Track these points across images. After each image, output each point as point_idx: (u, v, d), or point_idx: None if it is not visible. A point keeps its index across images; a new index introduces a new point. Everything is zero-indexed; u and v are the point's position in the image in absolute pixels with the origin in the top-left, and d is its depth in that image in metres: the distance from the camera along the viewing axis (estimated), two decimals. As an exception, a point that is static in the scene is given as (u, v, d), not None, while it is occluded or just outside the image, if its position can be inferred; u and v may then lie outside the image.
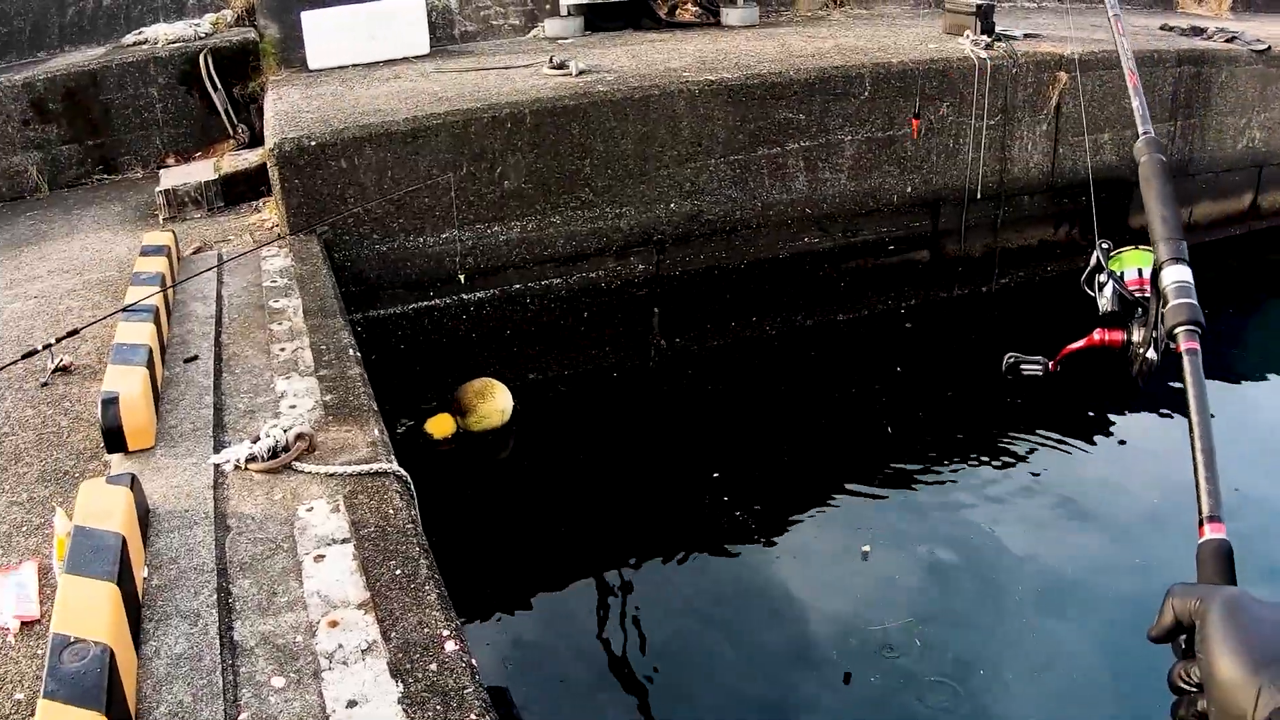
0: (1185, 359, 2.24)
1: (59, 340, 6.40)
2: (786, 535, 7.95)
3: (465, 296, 9.56)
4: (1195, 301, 2.35)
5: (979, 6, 11.21)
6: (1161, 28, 13.14)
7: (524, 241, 9.56)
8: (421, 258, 9.29)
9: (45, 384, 6.43)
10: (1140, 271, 2.82)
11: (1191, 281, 2.37)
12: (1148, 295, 2.75)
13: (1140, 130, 2.74)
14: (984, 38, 10.92)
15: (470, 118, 9.10)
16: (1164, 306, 2.38)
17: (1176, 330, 2.31)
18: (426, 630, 3.93)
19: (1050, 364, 3.12)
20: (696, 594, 7.42)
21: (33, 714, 3.30)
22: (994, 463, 8.82)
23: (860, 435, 9.39)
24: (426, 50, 11.93)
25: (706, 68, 10.19)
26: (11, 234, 9.87)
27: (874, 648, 6.72)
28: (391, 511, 4.75)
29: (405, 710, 3.54)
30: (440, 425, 9.15)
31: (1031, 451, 8.92)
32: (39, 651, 3.98)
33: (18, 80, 11.05)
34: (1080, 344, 2.96)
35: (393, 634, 3.92)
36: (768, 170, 10.14)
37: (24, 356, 6.26)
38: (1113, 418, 9.50)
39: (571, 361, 10.22)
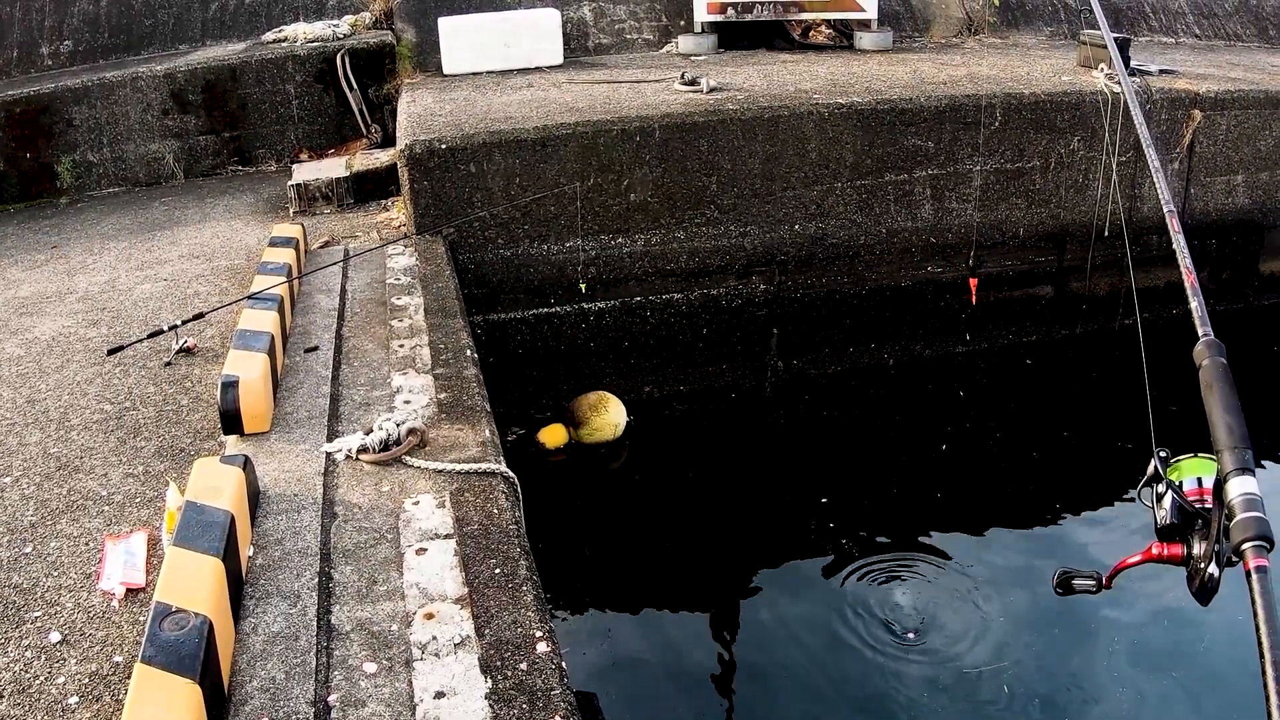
0: (1254, 577, 2.15)
1: (185, 322, 6.58)
2: (890, 567, 7.82)
3: (585, 306, 9.61)
4: (1264, 515, 2.24)
5: (1115, 40, 10.98)
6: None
7: (647, 255, 9.58)
8: (544, 265, 9.36)
9: (169, 364, 6.59)
10: (1200, 481, 2.69)
11: (1259, 494, 2.28)
12: (1208, 506, 2.61)
13: (1200, 332, 2.70)
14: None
15: (600, 129, 9.16)
16: (1229, 520, 2.29)
17: (1244, 546, 2.21)
18: (520, 630, 3.94)
19: (1104, 579, 2.99)
20: (794, 618, 7.34)
21: (129, 677, 3.37)
22: (1107, 510, 8.59)
23: (972, 471, 9.21)
24: (560, 61, 12.03)
25: (837, 91, 10.13)
26: (147, 218, 10.15)
27: (963, 691, 6.57)
28: (496, 511, 4.77)
29: (492, 705, 3.55)
30: (552, 435, 9.19)
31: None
32: (141, 618, 4.07)
33: (159, 71, 11.38)
34: (1137, 558, 2.84)
35: (486, 631, 3.93)
36: (894, 196, 10.04)
37: (150, 336, 6.44)
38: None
39: (688, 377, 10.20)
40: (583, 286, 9.46)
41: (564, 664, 3.84)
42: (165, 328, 6.51)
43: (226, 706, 3.53)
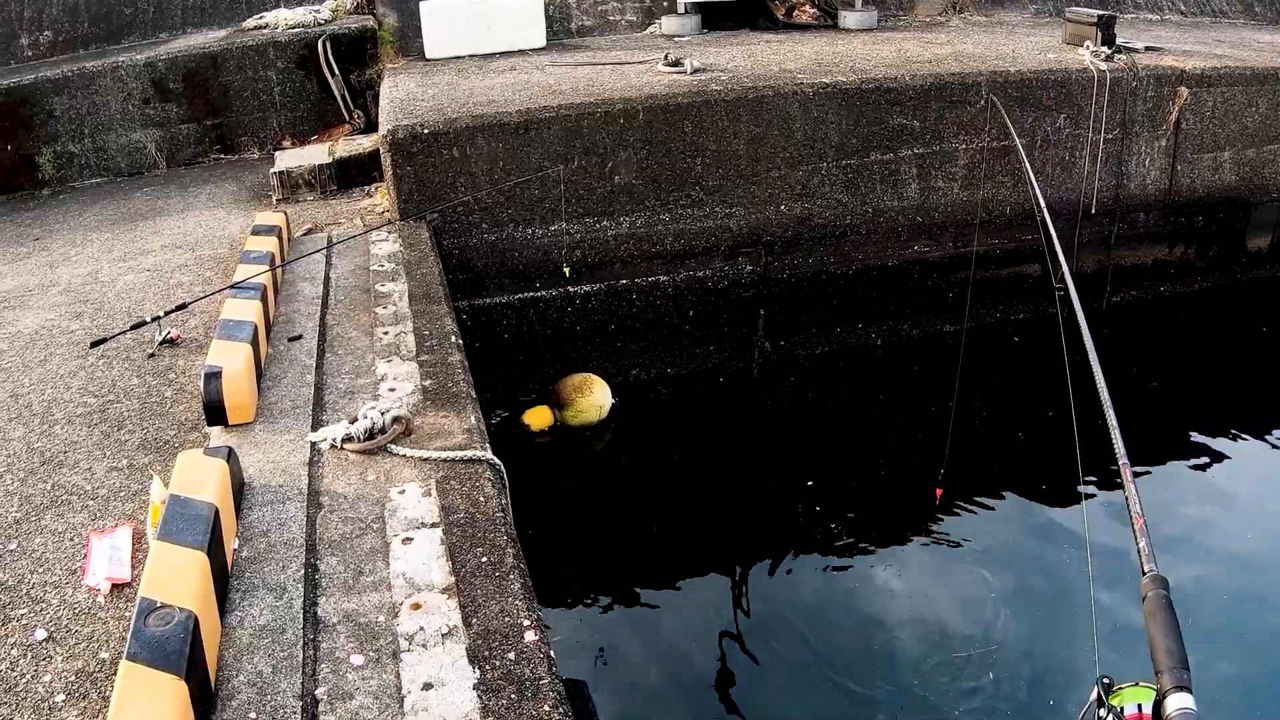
0: None
1: (168, 313, 6.52)
2: (875, 549, 7.82)
3: (571, 289, 9.57)
4: None
5: (1100, 17, 10.97)
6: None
7: (632, 237, 9.55)
8: (529, 249, 9.32)
9: (152, 355, 6.55)
10: (1140, 707, 2.93)
11: (1195, 709, 2.58)
12: None
13: (1145, 568, 2.99)
14: (1104, 49, 10.68)
15: (583, 112, 9.11)
16: None
17: None
18: (508, 619, 3.92)
19: None
20: (781, 601, 7.33)
21: (115, 674, 3.34)
22: (1095, 490, 8.57)
23: (960, 451, 9.18)
24: (543, 43, 11.99)
25: (822, 70, 10.10)
26: (129, 208, 10.09)
27: (949, 674, 6.57)
28: (482, 499, 4.75)
29: (480, 696, 3.53)
30: (538, 417, 9.17)
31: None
32: (127, 614, 4.04)
33: (140, 60, 11.30)
34: None
35: (474, 620, 3.91)
36: (880, 176, 10.02)
37: (133, 327, 6.38)
38: (1232, 439, 9.23)
39: (674, 360, 10.18)
40: (566, 270, 9.42)
41: (552, 652, 3.82)
42: (148, 319, 6.46)
43: (213, 702, 3.51)
